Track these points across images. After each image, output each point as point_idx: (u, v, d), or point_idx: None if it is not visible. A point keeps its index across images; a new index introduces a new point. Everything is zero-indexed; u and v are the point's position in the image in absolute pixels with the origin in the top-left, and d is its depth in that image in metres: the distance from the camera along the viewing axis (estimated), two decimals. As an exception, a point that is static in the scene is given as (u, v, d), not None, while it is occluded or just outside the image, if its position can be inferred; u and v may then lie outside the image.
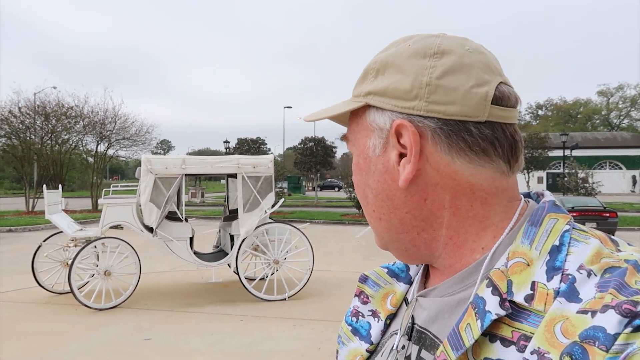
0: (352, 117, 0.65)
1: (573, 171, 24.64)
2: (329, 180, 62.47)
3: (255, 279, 7.56)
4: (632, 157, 45.87)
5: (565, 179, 24.99)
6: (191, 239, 7.44)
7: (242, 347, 5.27)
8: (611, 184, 42.24)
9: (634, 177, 45.95)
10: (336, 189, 54.22)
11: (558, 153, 33.56)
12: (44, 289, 7.54)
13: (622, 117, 66.48)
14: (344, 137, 0.68)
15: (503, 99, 0.56)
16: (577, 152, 37.99)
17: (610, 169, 46.63)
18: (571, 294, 0.47)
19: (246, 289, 7.14)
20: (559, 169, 39.96)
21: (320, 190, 50.53)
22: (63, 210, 8.14)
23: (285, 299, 7.20)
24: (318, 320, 6.23)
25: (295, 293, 7.31)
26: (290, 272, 7.64)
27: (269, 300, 7.14)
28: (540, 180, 43.52)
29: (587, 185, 23.02)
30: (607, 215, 13.34)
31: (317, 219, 20.19)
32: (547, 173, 43.43)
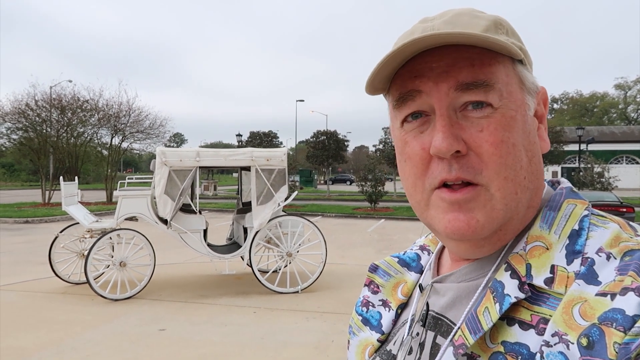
0: (490, 61, 0.53)
1: (589, 165, 24.33)
2: (340, 173, 62.42)
3: (268, 272, 7.60)
4: (649, 151, 45.13)
5: (581, 173, 24.68)
6: (205, 231, 7.49)
7: (256, 338, 5.30)
8: (628, 178, 41.58)
9: (651, 172, 45.21)
10: (348, 182, 54.17)
11: (574, 147, 33.15)
12: (61, 279, 7.66)
13: (639, 111, 65.33)
14: (473, 80, 0.53)
15: None
16: (593, 147, 37.49)
17: (627, 163, 45.92)
18: (590, 277, 0.47)
19: (259, 281, 7.17)
20: (574, 163, 39.48)
21: (332, 183, 50.50)
22: (79, 202, 8.24)
23: (298, 292, 7.23)
24: (331, 312, 6.25)
25: (308, 286, 7.33)
26: (303, 264, 7.67)
27: (282, 293, 7.17)
28: (555, 174, 43.01)
29: (603, 179, 22.72)
30: (624, 210, 13.16)
31: (329, 213, 20.21)
32: (562, 167, 42.92)
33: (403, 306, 0.70)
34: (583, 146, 30.56)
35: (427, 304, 0.62)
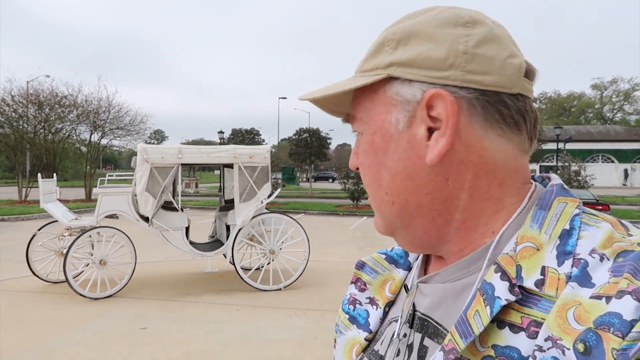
0: (362, 93, 0.60)
1: (566, 164, 24.76)
2: (323, 171, 62.49)
3: (251, 269, 7.58)
4: (624, 150, 46.21)
5: (559, 171, 25.11)
6: (187, 229, 7.44)
7: (239, 336, 5.29)
8: (604, 177, 42.53)
9: (625, 171, 46.32)
10: (330, 180, 54.22)
11: (552, 146, 33.66)
12: (39, 278, 7.52)
13: (615, 111, 66.78)
14: (347, 117, 0.63)
15: (530, 72, 0.55)
16: (570, 145, 38.20)
17: (602, 162, 46.95)
18: (584, 279, 0.45)
19: (242, 278, 7.15)
20: (552, 161, 40.18)
21: (315, 181, 50.55)
22: (58, 199, 8.10)
23: (281, 289, 7.23)
24: (314, 309, 6.26)
25: (291, 283, 7.34)
26: (286, 262, 7.67)
27: (264, 290, 7.16)
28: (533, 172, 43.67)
29: (580, 178, 23.14)
30: (600, 208, 13.46)
31: (312, 210, 20.22)
32: (540, 166, 43.62)
33: (391, 304, 0.69)
34: (561, 145, 31.10)
35: (414, 304, 0.61)
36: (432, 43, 0.54)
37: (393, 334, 0.63)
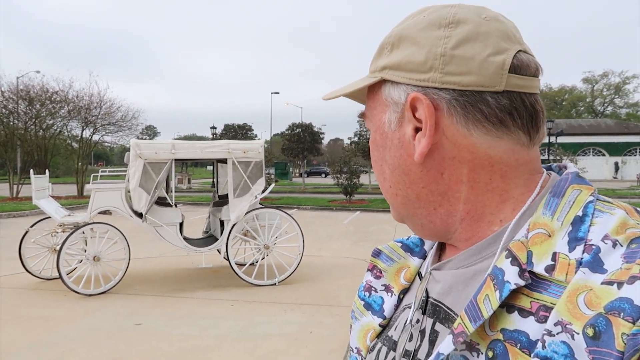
0: (369, 93, 0.64)
1: (558, 157, 24.94)
2: (316, 166, 62.45)
3: (245, 264, 7.58)
4: (615, 144, 46.54)
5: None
6: (181, 225, 7.42)
7: (234, 331, 5.30)
8: (594, 170, 42.84)
9: (616, 164, 46.68)
10: (323, 175, 54.22)
11: (543, 139, 33.90)
12: (32, 275, 7.49)
13: (606, 105, 67.20)
14: (362, 115, 0.67)
15: (522, 67, 0.54)
16: (561, 139, 38.42)
17: (593, 155, 47.28)
18: (595, 265, 0.45)
19: (236, 274, 7.16)
20: (543, 155, 40.37)
21: (308, 176, 50.49)
22: (50, 195, 8.05)
23: (275, 284, 7.24)
24: (308, 304, 6.29)
25: (286, 278, 7.35)
26: (281, 257, 7.68)
27: (259, 285, 7.17)
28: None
29: (572, 171, 23.31)
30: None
31: (305, 205, 20.23)
32: (532, 159, 43.85)
33: (405, 291, 0.71)
34: (552, 138, 31.26)
35: (427, 291, 0.62)
36: (415, 46, 0.56)
37: (406, 320, 0.64)
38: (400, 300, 0.71)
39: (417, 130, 0.57)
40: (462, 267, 0.58)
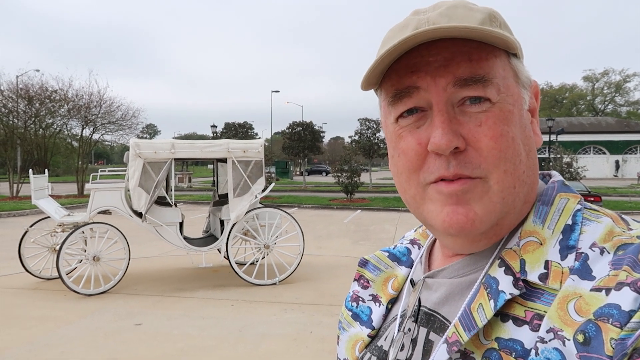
0: (487, 55, 0.52)
1: (558, 156, 24.88)
2: (316, 165, 62.44)
3: (245, 264, 7.56)
4: (615, 142, 46.52)
5: (551, 163, 25.25)
6: (181, 224, 7.40)
7: (234, 331, 5.29)
8: (595, 168, 42.85)
9: (617, 162, 46.65)
10: (324, 173, 54.20)
11: (544, 138, 33.77)
12: (32, 274, 7.47)
13: (606, 103, 67.15)
14: (469, 70, 0.51)
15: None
16: (562, 137, 38.41)
17: (594, 153, 47.24)
18: (584, 272, 0.46)
19: (237, 273, 7.14)
20: (544, 153, 40.35)
21: (308, 175, 50.49)
22: (49, 195, 8.03)
23: (275, 284, 7.23)
24: (309, 304, 6.27)
25: (286, 277, 7.34)
26: (281, 256, 7.66)
27: (259, 285, 7.16)
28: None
29: (572, 169, 23.27)
30: (592, 199, 13.55)
31: (306, 204, 20.21)
32: (533, 158, 43.83)
33: (393, 301, 0.69)
34: (553, 137, 31.21)
35: (419, 300, 0.61)
36: (512, 36, 0.54)
37: (396, 330, 0.63)
38: (388, 311, 0.69)
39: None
40: (457, 277, 0.58)
